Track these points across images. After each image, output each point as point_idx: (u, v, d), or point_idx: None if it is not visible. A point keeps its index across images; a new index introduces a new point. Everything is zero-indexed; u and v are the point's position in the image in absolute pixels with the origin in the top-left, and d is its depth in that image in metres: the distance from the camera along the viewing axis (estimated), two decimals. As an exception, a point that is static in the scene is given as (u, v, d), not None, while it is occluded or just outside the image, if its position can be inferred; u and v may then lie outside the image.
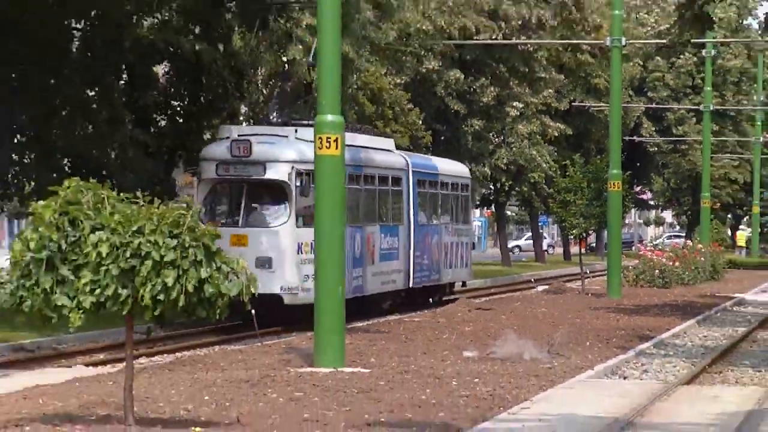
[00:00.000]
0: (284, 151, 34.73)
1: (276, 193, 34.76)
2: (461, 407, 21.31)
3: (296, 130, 35.71)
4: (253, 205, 33.93)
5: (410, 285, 42.10)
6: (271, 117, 56.06)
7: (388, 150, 43.02)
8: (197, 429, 18.62)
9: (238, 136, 35.38)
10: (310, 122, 35.45)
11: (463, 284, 52.66)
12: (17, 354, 30.73)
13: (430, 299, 47.23)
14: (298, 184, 34.16)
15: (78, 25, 37.79)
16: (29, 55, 37.28)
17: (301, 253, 33.18)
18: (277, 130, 36.91)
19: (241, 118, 48.07)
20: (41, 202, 18.25)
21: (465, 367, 27.51)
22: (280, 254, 32.10)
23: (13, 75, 38.27)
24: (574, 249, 72.11)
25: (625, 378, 26.63)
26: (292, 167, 34.16)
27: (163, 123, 43.27)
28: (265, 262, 33.10)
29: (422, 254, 44.00)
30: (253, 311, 31.56)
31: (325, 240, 28.95)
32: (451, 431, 18.94)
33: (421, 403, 21.95)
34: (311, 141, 32.07)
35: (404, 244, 42.03)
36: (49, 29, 38.20)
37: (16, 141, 38.76)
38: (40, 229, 17.93)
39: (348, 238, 35.74)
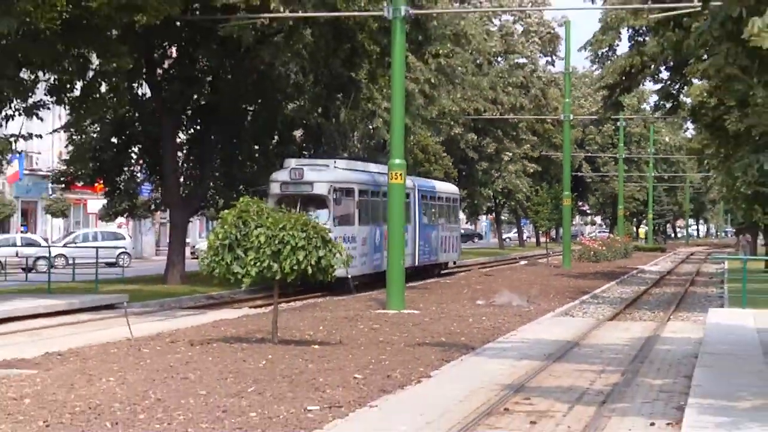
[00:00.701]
0: (325, 175, 38.37)
1: (320, 203, 37.94)
2: (475, 334, 23.52)
3: (335, 162, 40.11)
4: (304, 211, 32.49)
5: (416, 264, 45.57)
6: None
7: None
8: (315, 346, 20.53)
9: (295, 165, 38.80)
10: (344, 156, 44.18)
11: (454, 263, 57.26)
12: (209, 301, 34.75)
13: (436, 273, 50.69)
14: (334, 197, 37.92)
15: (250, 108, 39.25)
16: (221, 126, 41.62)
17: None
18: (321, 162, 40.30)
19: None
20: (226, 211, 20.94)
21: (477, 310, 29.96)
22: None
23: (212, 137, 43.31)
24: (543, 239, 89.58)
25: (573, 317, 29.24)
26: (330, 186, 37.83)
27: None
28: None
29: (424, 243, 47.59)
30: (350, 276, 34.22)
31: (394, 232, 31.13)
32: (469, 348, 20.58)
33: (451, 332, 24.00)
34: (344, 169, 40.30)
35: (412, 237, 44.30)
36: (233, 110, 42.64)
37: (213, 176, 44.19)
38: (225, 226, 20.35)
39: (374, 232, 41.07)
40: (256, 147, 45.16)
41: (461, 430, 12.59)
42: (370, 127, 55.07)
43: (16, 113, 33.09)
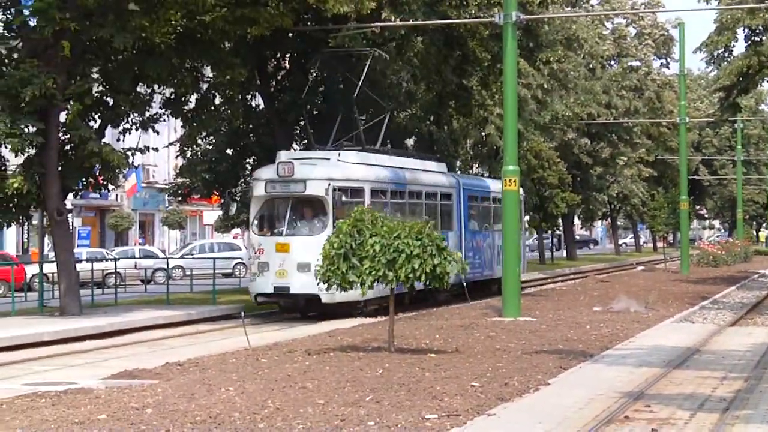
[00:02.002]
0: (322, 171, 31.10)
1: (316, 206, 31.00)
2: (593, 341, 23.25)
3: (339, 154, 32.61)
4: (296, 217, 30.46)
5: (462, 281, 33.96)
6: (475, 168, 60.23)
7: (441, 172, 39.70)
8: (432, 354, 20.47)
9: (285, 158, 31.83)
10: (355, 147, 34.89)
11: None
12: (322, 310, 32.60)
13: (493, 290, 40.00)
14: (335, 198, 30.40)
15: (362, 117, 38.97)
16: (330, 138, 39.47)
17: None
18: (320, 153, 33.14)
19: (457, 171, 51.04)
20: (341, 221, 21.17)
21: (594, 316, 29.66)
22: (318, 259, 25.66)
23: None
24: (660, 244, 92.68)
25: (692, 323, 28.44)
26: (329, 184, 30.47)
27: None
28: (305, 266, 29.09)
29: (473, 255, 39.32)
30: (465, 284, 34.46)
31: (509, 241, 30.67)
32: (587, 355, 20.37)
33: (568, 339, 23.82)
34: (353, 163, 32.95)
35: (452, 247, 33.55)
36: (342, 120, 39.88)
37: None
38: (340, 236, 20.43)
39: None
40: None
41: (581, 437, 12.46)
42: (483, 133, 55.00)
43: (133, 127, 33.60)
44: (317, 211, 30.91)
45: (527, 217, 67.54)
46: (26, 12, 30.56)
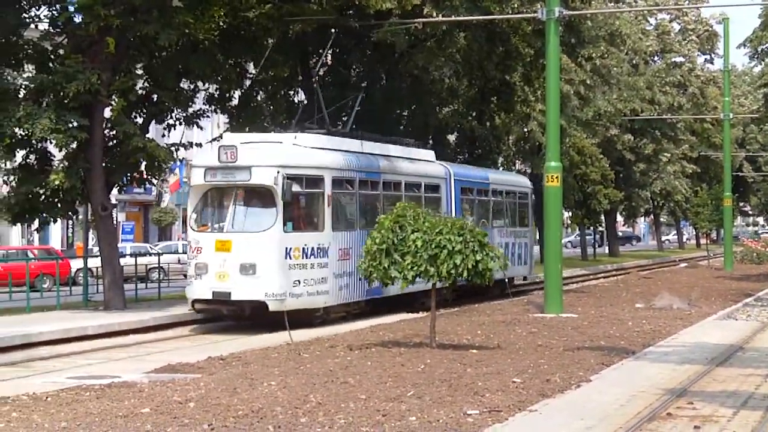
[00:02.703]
0: (271, 156, 26.13)
1: (263, 198, 26.09)
2: (635, 338, 23.16)
3: (296, 136, 27.80)
4: (239, 210, 26.03)
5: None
6: (518, 166, 59.37)
7: (430, 161, 35.35)
8: (473, 350, 20.46)
9: (228, 141, 27.00)
10: (319, 129, 30.55)
11: (524, 278, 43.23)
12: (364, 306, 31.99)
13: (497, 293, 36.95)
14: (284, 188, 25.43)
15: (404, 112, 38.91)
16: (375, 130, 39.17)
17: (290, 258, 25.47)
18: (271, 136, 28.52)
19: (500, 169, 51.02)
20: (383, 215, 21.10)
21: (636, 313, 29.55)
22: (265, 259, 24.82)
23: None
24: (703, 241, 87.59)
25: (736, 320, 28.19)
26: (278, 171, 25.47)
27: None
28: (249, 268, 25.23)
29: None
30: (507, 280, 34.70)
31: (550, 239, 30.41)
32: (629, 352, 20.29)
33: (610, 335, 23.73)
34: (312, 147, 28.03)
35: None
36: (384, 117, 42.01)
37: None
38: (382, 231, 20.39)
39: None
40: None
41: (623, 434, 12.42)
42: (525, 130, 54.85)
43: (177, 122, 33.81)
44: (264, 203, 26.10)
45: (568, 214, 67.29)
46: (71, 8, 30.80)
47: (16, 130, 29.27)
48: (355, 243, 27.85)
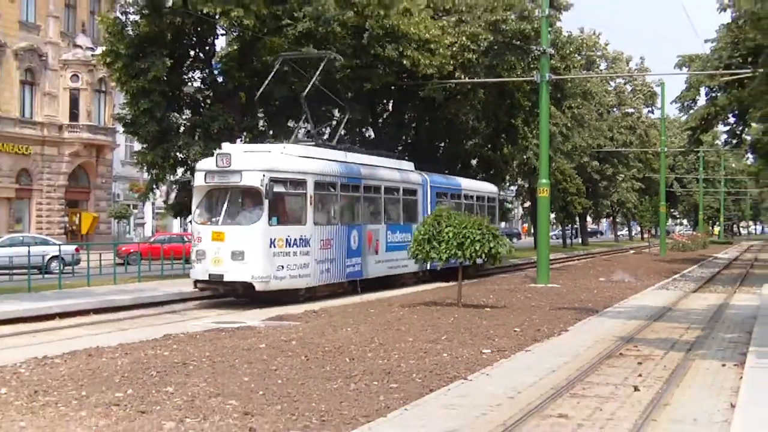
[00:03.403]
0: (260, 162, 22.58)
1: (252, 197, 22.73)
2: (598, 301, 22.96)
3: (284, 147, 24.41)
4: (232, 207, 22.68)
5: (427, 268, 26.43)
6: (518, 182, 59.32)
7: (411, 171, 31.07)
8: (487, 309, 20.37)
9: (224, 149, 23.22)
10: (308, 140, 27.25)
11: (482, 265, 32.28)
12: (414, 278, 31.22)
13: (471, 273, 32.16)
14: (269, 189, 22.05)
15: (441, 144, 39.30)
16: (421, 157, 38.81)
17: (274, 246, 22.14)
18: (263, 146, 25.01)
19: (507, 184, 50.31)
20: (426, 216, 21.29)
21: (599, 284, 29.43)
22: (252, 248, 21.78)
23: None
24: (645, 235, 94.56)
25: (667, 290, 27.68)
26: (264, 175, 22.06)
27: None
28: (238, 255, 21.85)
29: None
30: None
31: (541, 232, 30.12)
32: (594, 311, 20.12)
33: (581, 299, 23.55)
34: (297, 155, 24.10)
35: None
36: (429, 146, 41.56)
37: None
38: (425, 226, 20.51)
39: (345, 234, 25.43)
40: (446, 171, 45.27)
41: (589, 367, 12.36)
42: (524, 157, 54.54)
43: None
44: (253, 201, 22.78)
45: (553, 215, 66.66)
46: (216, 72, 31.07)
47: (178, 154, 29.70)
48: (337, 235, 24.72)
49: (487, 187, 37.75)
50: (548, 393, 10.43)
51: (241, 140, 30.48)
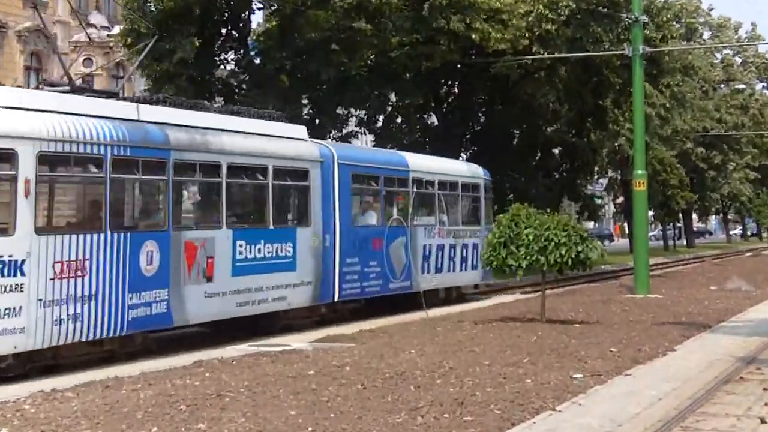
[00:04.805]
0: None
1: None
2: (710, 314, 22.39)
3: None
4: None
5: (334, 299, 21.42)
6: (608, 174, 57.88)
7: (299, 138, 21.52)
8: (576, 324, 20.12)
9: None
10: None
11: (475, 287, 29.17)
12: (488, 288, 31.54)
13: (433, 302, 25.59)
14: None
15: (516, 131, 38.60)
16: (493, 146, 39.79)
17: None
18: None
19: (596, 176, 50.12)
20: (501, 215, 20.82)
21: (710, 294, 28.71)
22: None
23: (487, 156, 40.72)
24: (765, 234, 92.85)
25: None
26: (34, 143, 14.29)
27: (556, 176, 44.16)
28: None
29: (362, 261, 22.43)
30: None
31: (638, 233, 29.93)
32: (706, 326, 19.68)
33: (689, 312, 22.99)
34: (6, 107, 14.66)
35: (307, 249, 20.47)
36: (502, 133, 41.92)
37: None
38: (500, 227, 20.29)
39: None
40: (522, 163, 45.29)
41: (704, 395, 12.11)
42: (616, 144, 54.22)
43: (334, 140, 33.80)
44: None
45: (652, 212, 66.08)
46: (253, 53, 31.26)
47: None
48: (100, 251, 15.30)
49: (465, 169, 29.07)
50: (655, 426, 10.22)
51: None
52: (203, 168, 18.25)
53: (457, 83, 41.72)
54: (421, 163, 26.26)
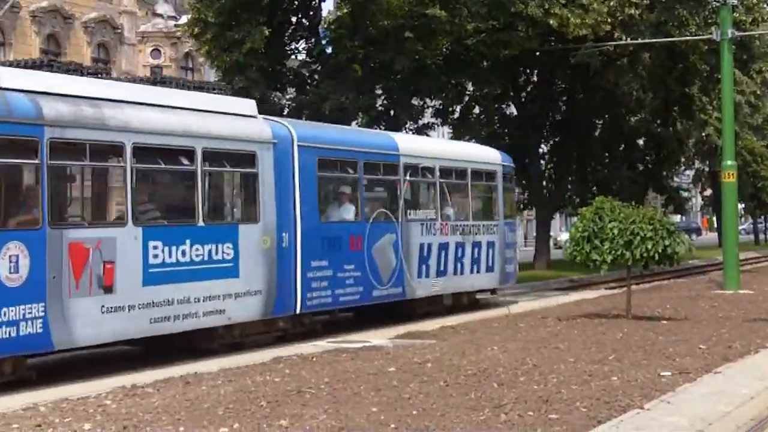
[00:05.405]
0: None
1: None
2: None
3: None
4: None
5: (296, 309, 18.05)
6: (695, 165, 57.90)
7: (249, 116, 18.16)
8: (664, 321, 20.07)
9: None
10: None
11: (492, 292, 25.88)
12: (571, 283, 33.43)
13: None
14: None
15: (599, 121, 38.54)
16: (575, 136, 38.92)
17: None
18: None
19: (682, 168, 49.74)
20: (584, 208, 20.92)
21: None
22: None
23: (568, 146, 42.49)
24: None
25: None
26: None
27: (641, 167, 44.00)
28: None
29: (334, 264, 18.98)
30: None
31: (728, 226, 29.66)
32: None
33: (785, 307, 22.97)
34: None
35: (258, 250, 17.25)
36: (584, 123, 41.74)
37: (570, 179, 43.48)
38: (584, 221, 20.29)
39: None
40: (606, 154, 45.12)
41: (798, 393, 12.07)
42: (703, 134, 53.70)
43: (409, 132, 33.95)
44: None
45: (742, 205, 65.13)
46: (324, 42, 31.46)
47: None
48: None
49: (477, 154, 25.77)
50: (747, 425, 10.22)
51: (357, 122, 30.85)
52: (97, 150, 14.90)
53: (536, 71, 41.69)
54: (416, 146, 22.86)
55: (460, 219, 23.36)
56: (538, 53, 36.81)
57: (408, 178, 21.46)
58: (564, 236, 23.91)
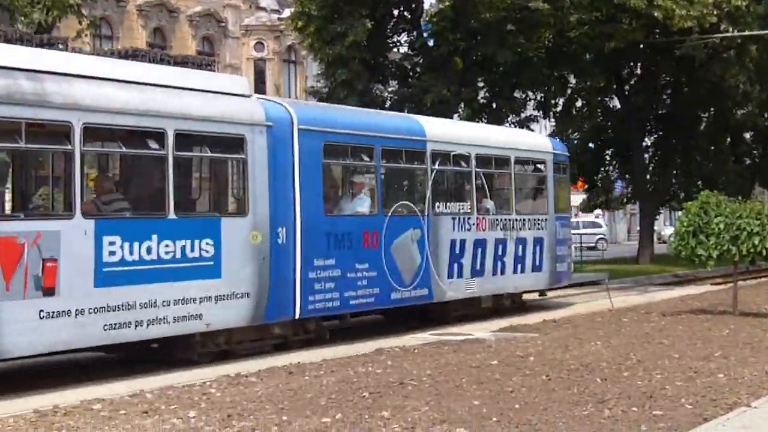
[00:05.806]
0: None
1: None
2: None
3: None
4: None
5: (295, 314, 15.75)
6: None
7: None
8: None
9: None
10: None
11: (542, 294, 24.92)
12: (676, 279, 32.89)
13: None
14: None
15: (704, 115, 37.96)
16: (679, 130, 38.09)
17: None
18: None
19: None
20: (689, 202, 20.59)
21: None
22: None
23: (673, 140, 41.72)
24: None
25: None
26: None
27: (748, 161, 43.20)
28: None
29: (344, 265, 16.68)
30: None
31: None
32: None
33: None
34: None
35: (248, 251, 14.93)
36: (689, 117, 41.11)
37: (675, 173, 42.51)
38: (689, 215, 19.99)
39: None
40: (711, 148, 44.43)
41: None
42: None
43: (512, 126, 33.81)
44: None
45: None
46: (426, 35, 31.55)
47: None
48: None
49: (524, 141, 23.23)
50: None
51: (459, 115, 30.81)
52: (36, 131, 12.85)
53: (639, 64, 41.21)
54: (446, 132, 20.26)
55: (501, 213, 21.00)
56: (641, 46, 36.43)
57: (437, 167, 19.08)
58: (668, 231, 23.57)
